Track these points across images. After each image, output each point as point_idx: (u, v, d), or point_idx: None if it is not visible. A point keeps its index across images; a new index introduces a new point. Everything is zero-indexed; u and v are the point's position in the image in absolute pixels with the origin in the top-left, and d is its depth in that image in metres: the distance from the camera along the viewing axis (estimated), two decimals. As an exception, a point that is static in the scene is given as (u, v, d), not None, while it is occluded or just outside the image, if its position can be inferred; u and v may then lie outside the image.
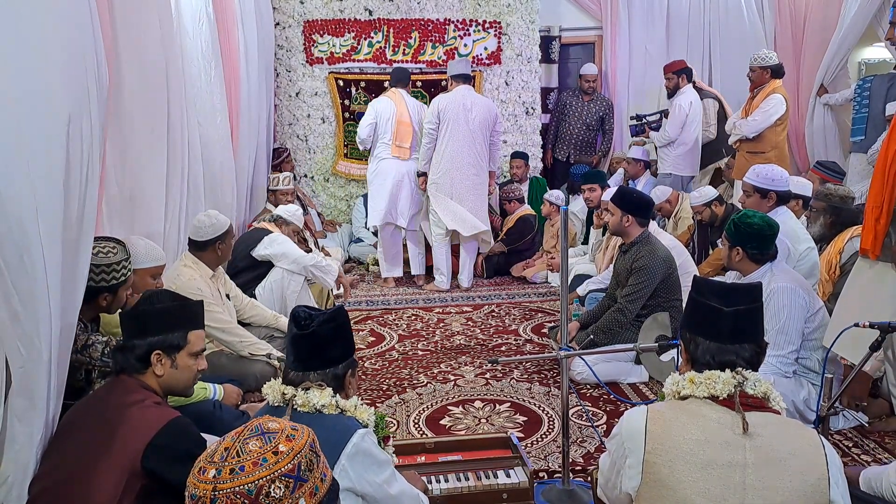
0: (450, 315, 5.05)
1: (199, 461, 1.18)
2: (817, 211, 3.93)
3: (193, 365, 2.11)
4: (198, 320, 2.15)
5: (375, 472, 1.76)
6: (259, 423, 1.22)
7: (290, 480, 1.14)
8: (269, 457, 1.14)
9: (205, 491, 1.12)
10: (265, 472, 1.13)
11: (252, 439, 1.17)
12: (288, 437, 1.18)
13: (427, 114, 5.51)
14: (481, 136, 5.49)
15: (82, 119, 2.07)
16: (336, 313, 1.85)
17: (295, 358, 1.83)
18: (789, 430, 1.55)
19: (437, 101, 5.49)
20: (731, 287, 1.71)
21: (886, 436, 3.03)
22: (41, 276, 1.84)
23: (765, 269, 3.06)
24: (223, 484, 1.12)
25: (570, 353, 2.57)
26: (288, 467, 1.15)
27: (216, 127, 4.48)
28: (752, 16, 7.44)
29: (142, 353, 2.01)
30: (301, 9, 6.73)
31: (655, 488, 1.53)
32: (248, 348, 3.47)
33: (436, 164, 5.48)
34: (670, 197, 5.51)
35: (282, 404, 1.79)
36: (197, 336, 2.12)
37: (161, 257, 2.99)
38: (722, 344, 1.62)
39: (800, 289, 3.01)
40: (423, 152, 5.52)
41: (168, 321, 2.06)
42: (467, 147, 5.43)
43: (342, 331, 1.87)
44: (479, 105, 5.50)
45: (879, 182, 2.75)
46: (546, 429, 3.21)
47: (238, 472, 1.12)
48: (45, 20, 1.90)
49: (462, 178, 5.44)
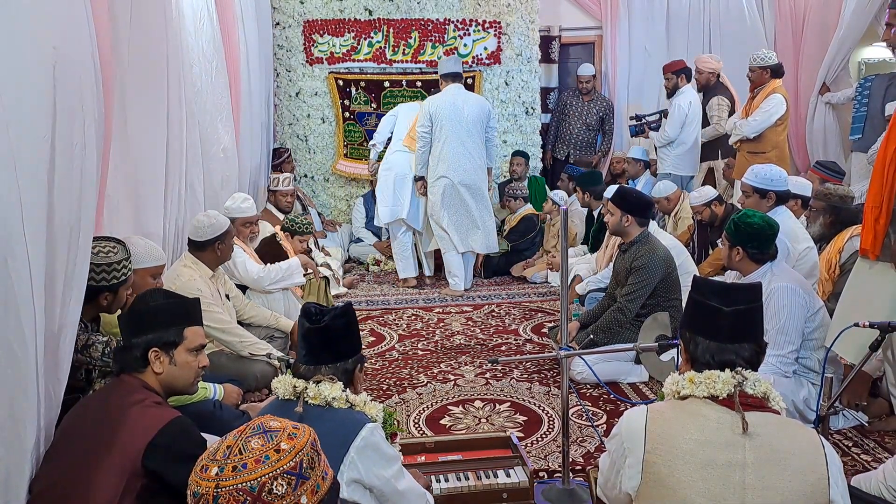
0: (450, 315, 5.05)
1: (201, 459, 1.18)
2: (817, 210, 3.93)
3: (193, 362, 2.10)
4: (193, 316, 2.14)
5: (383, 467, 1.80)
6: (261, 421, 1.22)
7: (293, 478, 1.15)
8: (272, 454, 1.15)
9: (207, 488, 1.12)
10: (267, 469, 1.14)
11: (254, 437, 1.18)
12: (290, 436, 1.19)
13: (419, 117, 5.46)
14: (476, 133, 5.43)
15: (75, 120, 2.05)
16: (346, 309, 1.90)
17: (307, 352, 1.87)
18: (789, 430, 1.55)
19: (428, 104, 5.44)
20: (731, 287, 1.72)
21: (886, 435, 3.03)
22: (25, 280, 1.80)
23: (765, 269, 3.06)
24: (226, 481, 1.12)
25: (570, 352, 2.57)
26: (290, 464, 1.15)
27: (217, 127, 4.48)
28: (752, 16, 7.44)
29: (139, 351, 2.01)
30: (301, 9, 6.74)
31: (655, 488, 1.53)
32: (248, 348, 3.47)
33: (433, 167, 5.43)
34: (671, 195, 5.51)
35: (293, 397, 1.82)
36: (194, 332, 2.11)
37: (161, 257, 3.00)
38: (722, 343, 1.62)
39: (800, 288, 3.01)
40: (419, 156, 5.48)
41: (162, 318, 2.05)
42: (462, 146, 5.38)
43: (352, 326, 1.93)
44: (470, 103, 5.44)
45: (878, 182, 2.75)
46: (546, 428, 3.21)
47: (240, 470, 1.13)
48: (34, 17, 1.87)
49: (460, 177, 5.39)
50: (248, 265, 4.07)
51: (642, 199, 3.85)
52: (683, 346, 1.72)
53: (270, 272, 4.12)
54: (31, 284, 1.84)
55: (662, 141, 6.08)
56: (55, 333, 2.03)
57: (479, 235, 5.54)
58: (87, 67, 2.15)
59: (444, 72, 5.52)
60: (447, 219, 5.46)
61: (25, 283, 1.81)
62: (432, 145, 5.42)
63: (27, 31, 1.85)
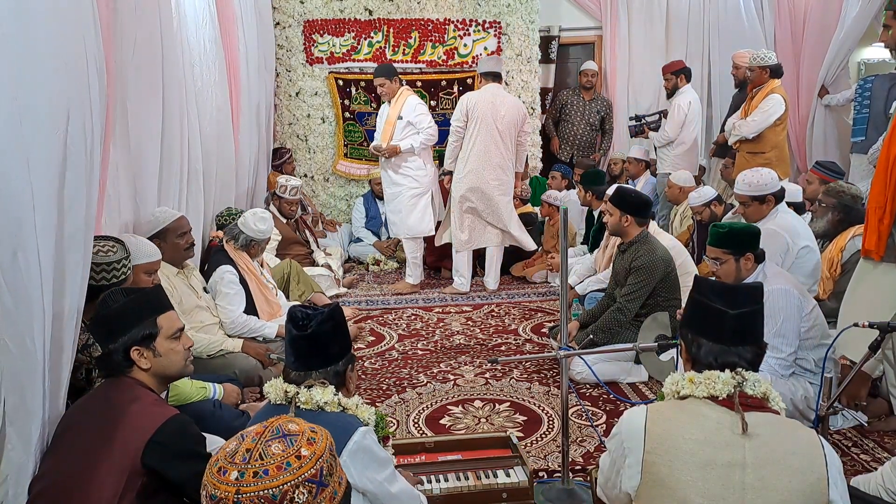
0: (449, 315, 5.05)
1: (217, 460, 1.17)
2: (826, 206, 3.85)
3: (177, 346, 2.07)
4: (161, 305, 2.10)
5: (376, 470, 1.79)
6: (279, 424, 1.22)
7: (313, 486, 1.15)
8: (293, 461, 1.15)
9: (227, 493, 1.12)
10: (289, 476, 1.13)
11: (274, 441, 1.17)
12: (309, 441, 1.19)
13: (455, 111, 5.40)
14: (509, 136, 5.37)
15: (84, 116, 2.07)
16: (333, 312, 1.87)
17: (296, 358, 1.85)
18: (788, 430, 1.55)
19: (466, 99, 5.36)
20: (734, 289, 1.71)
21: (886, 435, 3.03)
22: (35, 275, 1.83)
23: (757, 271, 3.04)
24: (247, 487, 1.12)
25: (570, 352, 2.57)
26: (311, 472, 1.15)
27: (217, 127, 4.48)
28: (751, 16, 7.45)
29: (120, 355, 1.98)
30: (301, 9, 6.74)
31: (655, 487, 1.53)
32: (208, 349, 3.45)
33: (462, 163, 5.38)
34: (686, 187, 5.46)
35: (284, 402, 1.81)
36: (167, 318, 2.07)
37: (154, 253, 2.98)
38: (725, 346, 1.63)
39: (794, 290, 2.99)
40: (450, 150, 5.43)
41: (131, 316, 2.01)
42: (495, 146, 5.31)
43: (340, 328, 1.90)
44: (508, 104, 5.37)
45: (881, 183, 2.73)
46: (546, 428, 3.21)
47: (262, 476, 1.12)
48: (45, 16, 1.89)
49: (488, 177, 5.33)
50: (230, 307, 3.71)
51: (641, 199, 3.84)
52: (685, 347, 1.72)
53: (247, 324, 3.74)
54: (40, 278, 1.85)
55: (662, 141, 6.09)
56: (60, 329, 2.03)
57: (494, 234, 5.47)
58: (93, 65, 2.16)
59: (484, 70, 5.47)
60: (465, 216, 5.43)
61: (35, 276, 1.83)
62: (463, 141, 5.36)
63: (39, 27, 1.86)
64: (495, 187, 5.37)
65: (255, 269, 4.00)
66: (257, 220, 3.94)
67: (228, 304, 3.69)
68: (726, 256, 2.99)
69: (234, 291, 3.73)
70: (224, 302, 3.69)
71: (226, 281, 3.72)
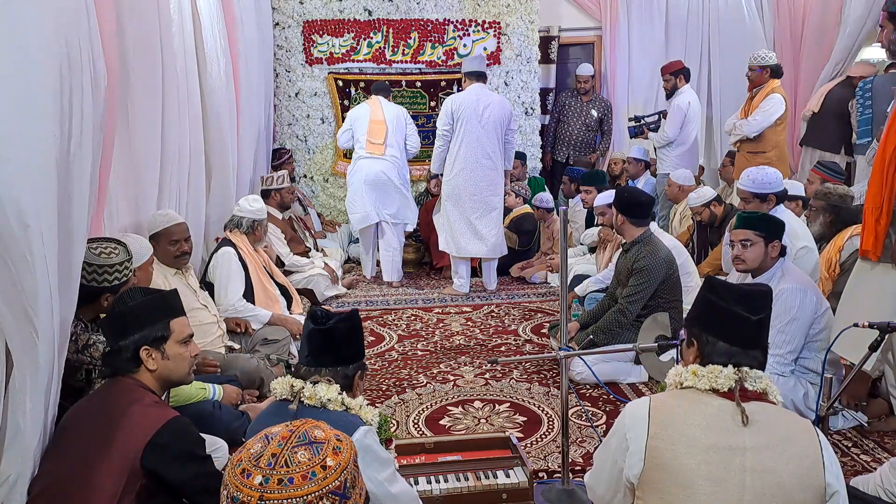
0: (449, 315, 5.05)
1: (240, 461, 1.17)
2: (817, 210, 3.92)
3: (185, 352, 2.09)
4: (176, 308, 2.13)
5: (377, 470, 1.80)
6: (306, 429, 1.21)
7: (336, 498, 1.14)
8: (318, 471, 1.14)
9: (250, 497, 1.12)
10: (314, 486, 1.13)
11: (300, 448, 1.17)
12: (335, 450, 1.19)
13: (440, 115, 5.40)
14: (495, 134, 5.35)
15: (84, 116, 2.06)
16: (352, 314, 1.91)
17: (309, 352, 1.87)
18: (785, 418, 1.61)
19: (451, 102, 5.36)
20: (752, 293, 1.70)
21: (886, 436, 3.03)
22: (43, 275, 1.84)
23: (775, 269, 3.06)
24: (271, 493, 1.11)
25: (570, 353, 2.57)
26: (335, 484, 1.15)
27: (218, 126, 4.48)
28: (751, 16, 7.44)
29: (130, 352, 1.99)
30: (300, 9, 6.74)
31: (658, 472, 1.56)
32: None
33: (449, 165, 5.38)
34: (686, 186, 5.47)
35: (289, 397, 1.82)
36: (179, 323, 2.10)
37: (144, 253, 2.98)
38: (741, 348, 1.64)
39: (809, 290, 3.01)
40: (437, 154, 5.43)
41: (147, 315, 2.03)
42: (481, 146, 5.31)
43: (356, 331, 1.93)
44: (493, 103, 5.36)
45: (878, 182, 2.73)
46: (546, 429, 3.21)
47: (287, 484, 1.12)
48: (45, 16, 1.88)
49: (477, 177, 5.33)
50: (231, 289, 3.82)
51: (634, 199, 3.82)
52: (697, 344, 1.70)
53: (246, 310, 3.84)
54: (48, 280, 1.86)
55: (662, 141, 6.09)
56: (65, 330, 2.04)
57: (479, 243, 5.46)
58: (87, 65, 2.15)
59: (468, 70, 5.46)
60: (456, 220, 5.42)
61: (43, 278, 1.84)
62: (450, 144, 5.36)
63: (38, 27, 1.86)
64: (485, 187, 5.38)
65: (257, 259, 4.12)
66: (250, 201, 4.18)
67: (228, 281, 3.81)
68: (757, 238, 3.04)
69: (233, 270, 3.85)
70: (224, 280, 3.81)
71: (225, 259, 3.86)
